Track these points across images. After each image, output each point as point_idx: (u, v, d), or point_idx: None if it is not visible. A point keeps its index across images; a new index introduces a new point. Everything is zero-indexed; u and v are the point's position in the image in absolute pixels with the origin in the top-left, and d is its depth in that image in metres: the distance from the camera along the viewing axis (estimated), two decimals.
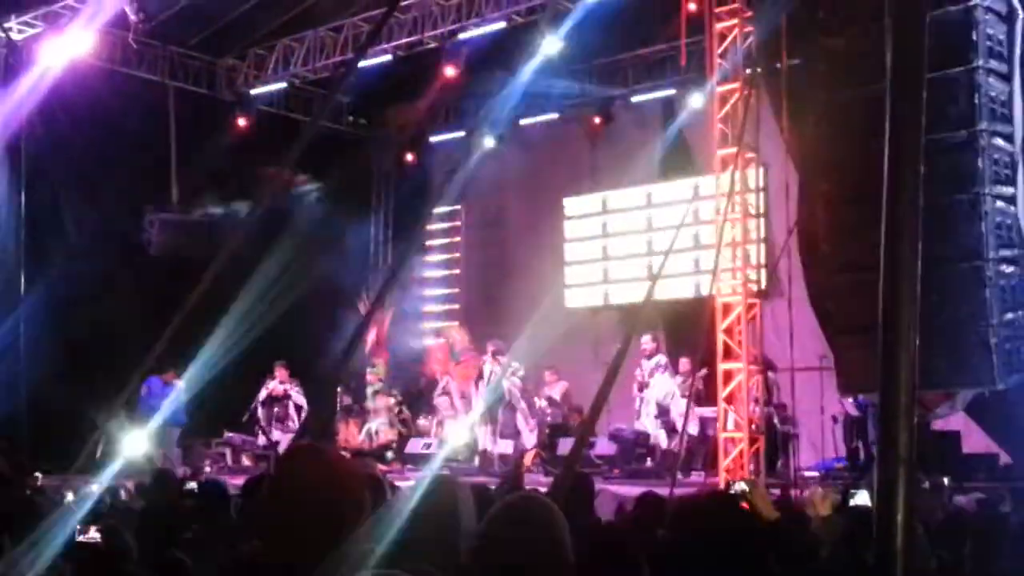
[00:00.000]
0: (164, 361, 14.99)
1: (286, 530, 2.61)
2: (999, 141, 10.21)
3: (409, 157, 21.38)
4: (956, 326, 9.72)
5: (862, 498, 7.65)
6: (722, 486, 11.95)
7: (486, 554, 2.87)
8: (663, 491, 8.11)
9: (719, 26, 13.56)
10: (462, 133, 20.40)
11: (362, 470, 4.93)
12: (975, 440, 12.92)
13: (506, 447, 16.16)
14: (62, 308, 15.97)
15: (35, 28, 16.33)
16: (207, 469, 16.25)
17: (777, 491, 12.15)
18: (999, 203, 10.09)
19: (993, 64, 10.29)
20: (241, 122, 19.12)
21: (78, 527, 5.22)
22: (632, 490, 10.45)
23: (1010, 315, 9.99)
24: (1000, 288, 9.93)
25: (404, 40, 17.26)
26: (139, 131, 17.81)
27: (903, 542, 2.50)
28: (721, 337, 13.12)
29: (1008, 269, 10.04)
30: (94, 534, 5.18)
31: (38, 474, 11.05)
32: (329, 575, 2.54)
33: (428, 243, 21.60)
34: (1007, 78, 10.45)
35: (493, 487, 8.00)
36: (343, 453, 16.78)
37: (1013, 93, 10.43)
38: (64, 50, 15.86)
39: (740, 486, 4.51)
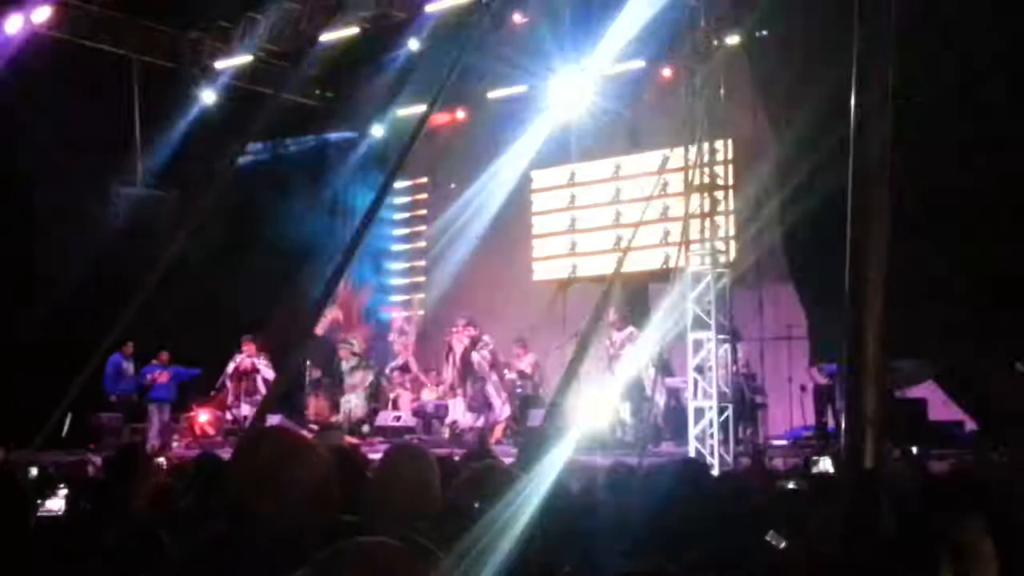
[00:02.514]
0: (129, 336, 14.96)
1: (250, 511, 2.57)
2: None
3: (375, 130, 21.24)
4: (925, 295, 9.75)
5: (824, 465, 7.69)
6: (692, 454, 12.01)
7: (452, 522, 2.84)
8: (633, 461, 8.10)
9: None
10: (427, 105, 20.27)
11: (328, 444, 4.89)
12: (940, 407, 12.98)
13: (474, 419, 16.15)
14: (25, 282, 15.85)
15: None
16: (175, 444, 16.20)
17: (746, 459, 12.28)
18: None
19: None
20: (206, 95, 18.95)
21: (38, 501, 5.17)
22: (601, 461, 10.44)
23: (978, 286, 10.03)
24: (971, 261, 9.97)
25: (371, 12, 17.10)
26: (103, 105, 17.63)
27: (871, 505, 2.48)
28: (691, 307, 13.11)
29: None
30: (55, 504, 5.13)
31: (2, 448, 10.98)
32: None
33: (395, 216, 21.51)
34: None
35: (459, 458, 7.97)
36: (312, 426, 16.80)
37: None
38: (25, 22, 15.64)
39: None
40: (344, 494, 3.68)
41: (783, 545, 3.45)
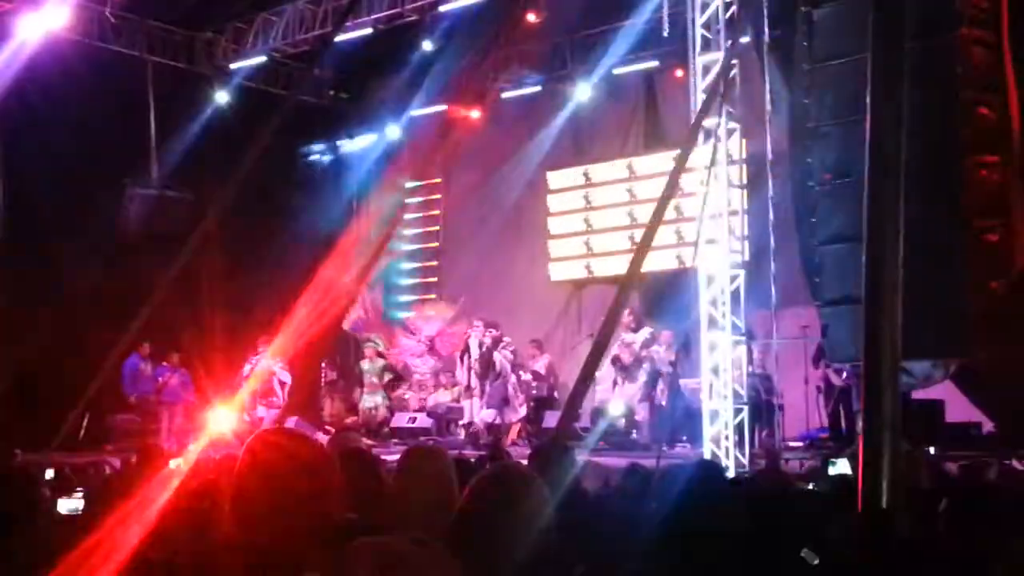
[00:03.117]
0: (144, 337, 15.00)
1: (256, 514, 2.57)
2: (983, 110, 10.19)
3: (390, 131, 21.24)
4: (941, 295, 9.71)
5: (842, 467, 7.67)
6: (706, 456, 11.99)
7: (467, 524, 2.84)
8: (649, 463, 8.11)
9: None
10: (444, 106, 20.30)
11: (341, 446, 4.89)
12: (958, 408, 12.93)
13: (492, 417, 16.09)
14: (41, 283, 15.89)
15: (10, 3, 16.13)
16: (191, 447, 16.21)
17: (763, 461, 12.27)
18: (983, 171, 10.08)
19: (977, 32, 10.26)
20: (220, 96, 19.00)
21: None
22: (617, 462, 10.45)
23: (994, 283, 9.99)
24: (985, 256, 9.93)
25: (384, 13, 17.11)
26: (117, 106, 17.67)
27: (889, 507, 2.47)
28: (705, 308, 13.08)
29: (992, 237, 10.04)
30: (71, 504, 5.14)
31: (18, 450, 11.01)
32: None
33: (409, 216, 21.50)
34: (992, 47, 10.42)
35: (475, 459, 7.98)
36: (328, 428, 16.80)
37: (1003, 62, 10.40)
38: (41, 25, 15.69)
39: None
40: (360, 495, 3.70)
41: (816, 562, 3.43)
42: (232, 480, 2.70)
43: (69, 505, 6.13)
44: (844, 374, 13.38)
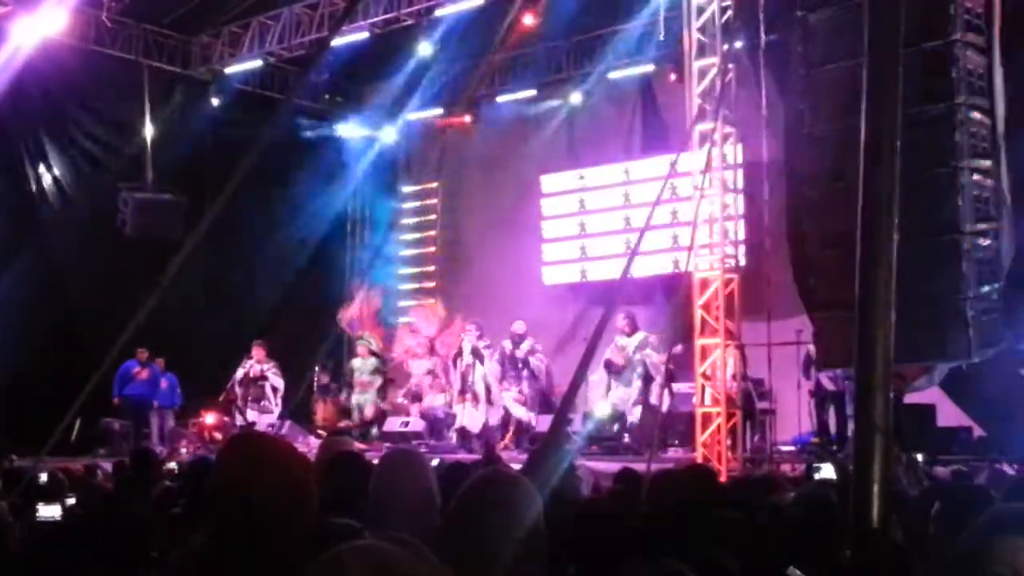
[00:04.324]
0: (139, 342, 15.00)
1: (231, 521, 2.55)
2: (976, 114, 10.19)
3: (386, 134, 21.26)
4: (933, 299, 9.71)
5: (827, 471, 7.69)
6: (699, 460, 12.00)
7: (457, 528, 2.84)
8: (640, 467, 8.13)
9: (696, 0, 13.49)
10: (440, 110, 20.31)
11: (332, 449, 4.89)
12: (948, 413, 12.96)
13: (535, 419, 16.11)
14: (36, 288, 15.88)
15: (6, 7, 16.13)
16: (183, 450, 16.22)
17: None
18: (976, 176, 10.08)
19: (971, 37, 10.27)
20: (216, 101, 18.99)
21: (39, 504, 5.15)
22: (609, 466, 10.46)
23: (986, 288, 9.99)
24: (977, 261, 9.93)
25: (380, 17, 17.13)
26: (113, 110, 17.69)
27: (880, 511, 2.47)
28: (698, 312, 13.10)
29: (984, 242, 10.04)
30: (52, 511, 5.11)
31: (14, 456, 11.01)
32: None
33: (405, 221, 21.51)
34: (985, 51, 10.43)
35: (468, 463, 7.99)
36: (320, 432, 16.78)
37: (993, 67, 10.40)
38: (36, 29, 15.69)
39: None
40: (354, 498, 3.70)
41: None
42: (209, 482, 2.69)
43: (47, 512, 6.07)
44: (837, 379, 13.39)
